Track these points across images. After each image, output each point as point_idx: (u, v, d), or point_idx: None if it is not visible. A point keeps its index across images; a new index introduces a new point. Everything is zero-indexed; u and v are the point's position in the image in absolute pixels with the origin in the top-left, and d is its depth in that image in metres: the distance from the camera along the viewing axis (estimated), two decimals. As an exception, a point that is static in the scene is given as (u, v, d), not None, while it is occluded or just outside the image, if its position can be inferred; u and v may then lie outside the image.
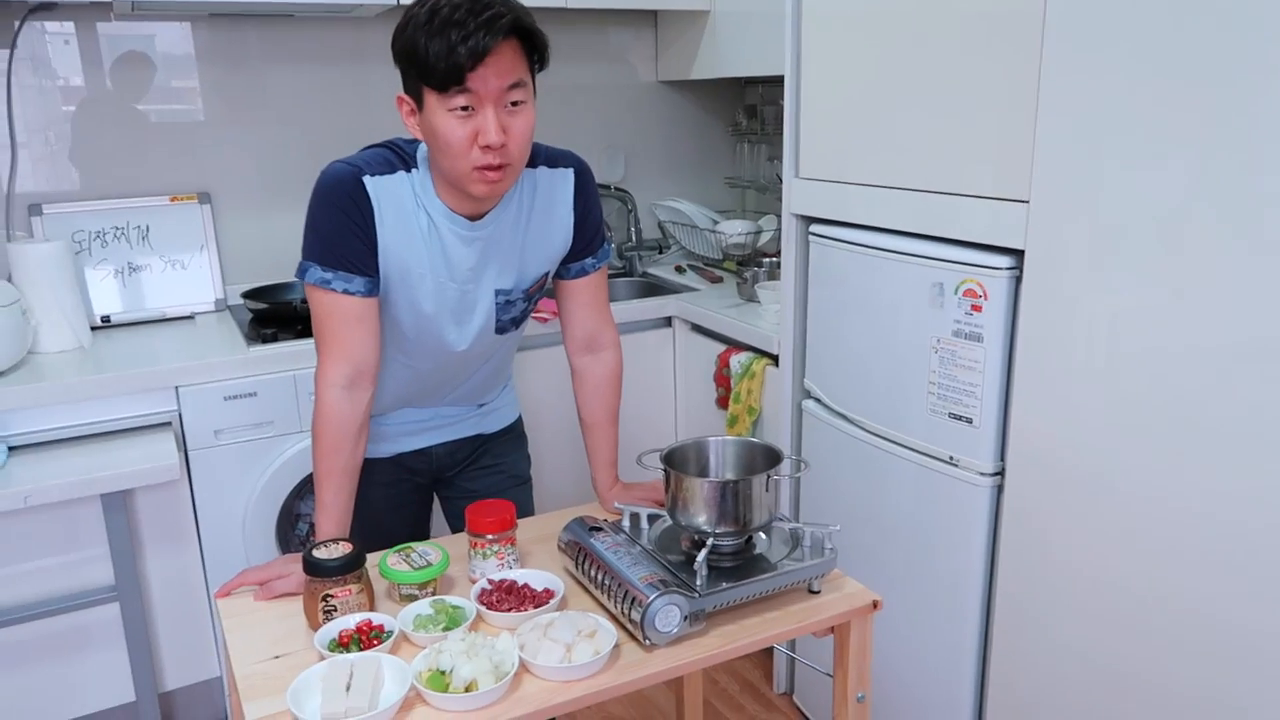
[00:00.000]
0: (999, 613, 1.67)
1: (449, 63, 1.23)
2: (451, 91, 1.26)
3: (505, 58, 1.27)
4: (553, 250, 1.52)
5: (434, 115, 1.29)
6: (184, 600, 2.17)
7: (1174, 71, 1.26)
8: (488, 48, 1.23)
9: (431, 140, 1.32)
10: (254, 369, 2.12)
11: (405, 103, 1.34)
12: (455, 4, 1.24)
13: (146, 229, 2.48)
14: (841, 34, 1.84)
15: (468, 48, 1.22)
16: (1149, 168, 1.31)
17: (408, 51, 1.27)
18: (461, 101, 1.27)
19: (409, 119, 1.35)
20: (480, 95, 1.27)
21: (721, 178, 3.31)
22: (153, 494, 2.08)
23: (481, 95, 1.27)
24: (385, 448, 1.64)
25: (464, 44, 1.22)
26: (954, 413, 1.67)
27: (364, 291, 1.39)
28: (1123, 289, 1.37)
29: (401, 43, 1.29)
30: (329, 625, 1.20)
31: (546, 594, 1.28)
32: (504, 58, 1.27)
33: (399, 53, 1.30)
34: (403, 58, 1.29)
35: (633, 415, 2.61)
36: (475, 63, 1.24)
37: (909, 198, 1.72)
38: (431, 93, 1.28)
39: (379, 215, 1.37)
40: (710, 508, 1.27)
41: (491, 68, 1.26)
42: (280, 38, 2.59)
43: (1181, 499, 1.33)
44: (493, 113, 1.28)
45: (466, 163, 1.30)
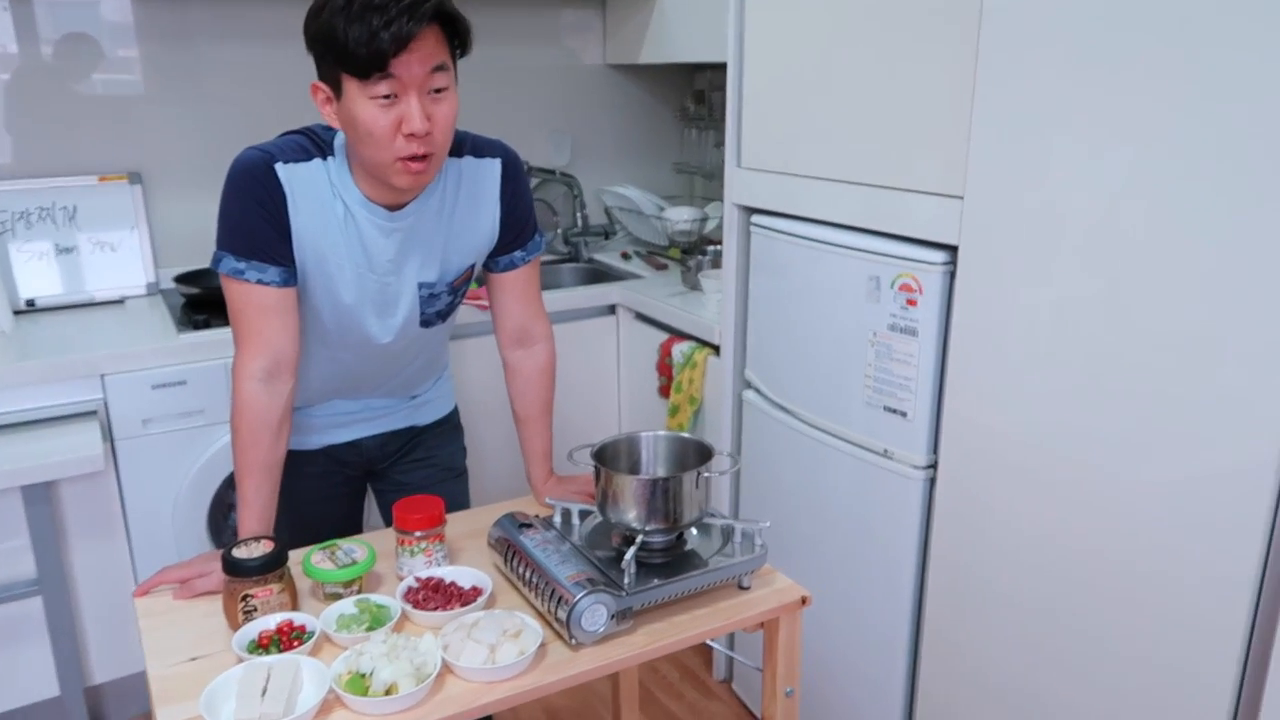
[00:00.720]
0: (930, 604, 1.68)
1: (371, 49, 1.19)
2: (374, 79, 1.22)
3: (428, 43, 1.23)
4: (478, 242, 1.48)
5: (354, 104, 1.25)
6: (111, 593, 2.12)
7: (1108, 68, 1.26)
8: (411, 33, 1.20)
9: (351, 130, 1.28)
10: (184, 356, 2.07)
11: (321, 90, 1.30)
12: None
13: (74, 209, 2.41)
14: (784, 23, 1.83)
15: (390, 33, 1.18)
16: (1082, 164, 1.31)
17: (325, 37, 1.22)
18: (384, 89, 1.23)
19: (325, 107, 1.31)
20: (404, 82, 1.23)
21: (669, 164, 3.29)
22: (77, 485, 2.03)
23: (405, 82, 1.23)
24: (314, 439, 1.61)
25: (386, 29, 1.18)
26: (889, 406, 1.68)
27: (279, 281, 1.35)
28: (1054, 284, 1.38)
29: (316, 27, 1.24)
30: (248, 626, 1.18)
31: (474, 592, 1.26)
32: (427, 43, 1.23)
33: (314, 38, 1.25)
34: (319, 43, 1.25)
35: (575, 404, 2.60)
36: (399, 49, 1.20)
37: (848, 190, 1.72)
38: (351, 80, 1.23)
39: (292, 203, 1.33)
40: (640, 505, 1.26)
41: (415, 54, 1.22)
42: (221, 14, 2.51)
43: (1111, 491, 1.35)
44: (416, 100, 1.25)
45: (390, 152, 1.27)
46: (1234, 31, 1.12)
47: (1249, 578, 1.20)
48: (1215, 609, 1.24)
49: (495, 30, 2.90)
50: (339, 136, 1.37)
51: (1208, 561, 1.24)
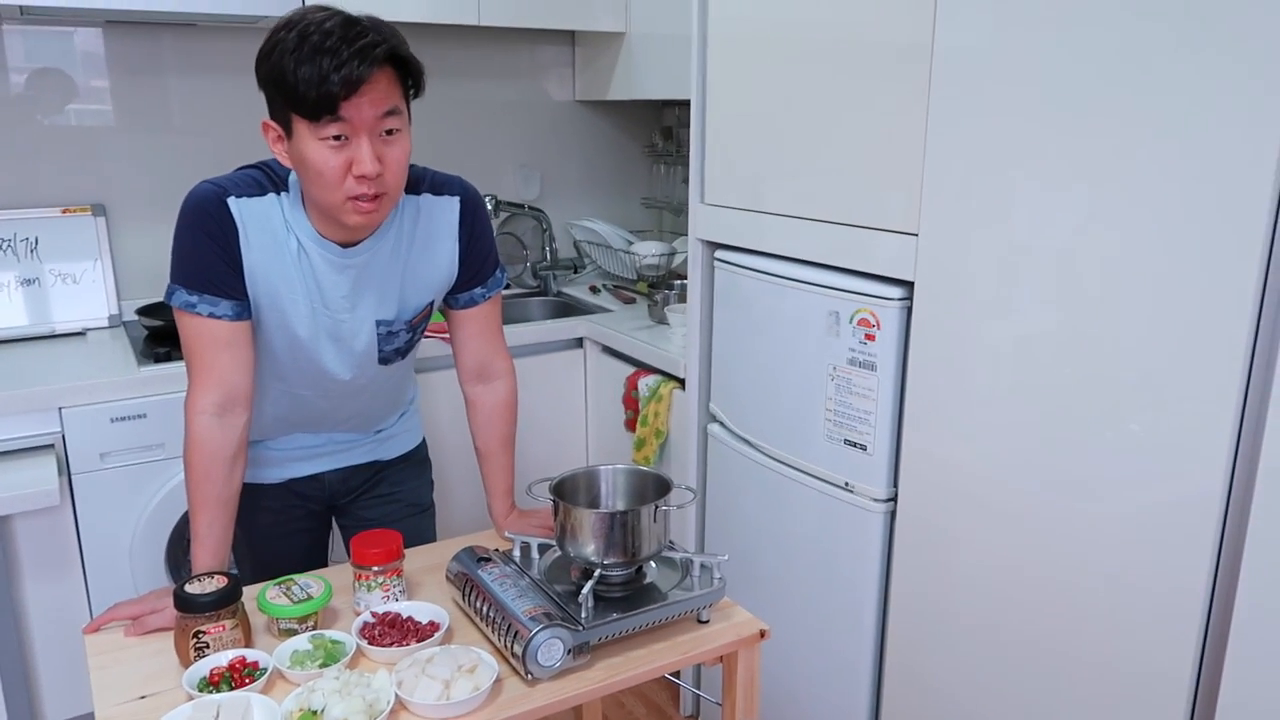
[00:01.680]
0: (892, 637, 1.69)
1: (320, 91, 1.19)
2: (324, 121, 1.22)
3: (380, 86, 1.23)
4: (436, 280, 1.48)
5: (304, 144, 1.25)
6: (65, 631, 2.07)
7: (1060, 107, 1.30)
8: (362, 77, 1.20)
9: (302, 169, 1.28)
10: (145, 389, 2.05)
11: (272, 129, 1.29)
12: (326, 30, 1.20)
13: (35, 241, 2.39)
14: (745, 63, 1.86)
15: (340, 76, 1.18)
16: (1036, 202, 1.34)
17: (275, 78, 1.22)
18: (334, 130, 1.23)
19: (276, 145, 1.30)
20: (354, 124, 1.23)
21: (638, 198, 3.32)
22: (31, 520, 1.99)
23: (355, 124, 1.23)
24: (275, 473, 1.59)
25: (337, 72, 1.18)
26: (849, 439, 1.69)
27: (231, 315, 1.34)
28: (1009, 320, 1.40)
29: (267, 68, 1.23)
30: (200, 663, 1.16)
31: (431, 627, 1.25)
32: (379, 86, 1.23)
33: (265, 78, 1.25)
34: (269, 84, 1.25)
35: (543, 436, 2.59)
36: (349, 92, 1.20)
37: (809, 227, 1.74)
38: (302, 121, 1.23)
39: (244, 238, 1.33)
40: (598, 538, 1.26)
41: (366, 96, 1.22)
42: (184, 47, 2.52)
43: (1070, 523, 1.37)
44: (367, 142, 1.24)
45: (340, 193, 1.27)
46: (1187, 70, 1.16)
47: (1197, 607, 1.22)
48: (1166, 639, 1.26)
49: (466, 66, 2.93)
50: (294, 173, 1.37)
51: (1159, 592, 1.26)
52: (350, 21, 1.22)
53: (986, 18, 1.36)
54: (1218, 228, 1.14)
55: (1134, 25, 1.19)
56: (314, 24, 1.21)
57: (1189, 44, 1.14)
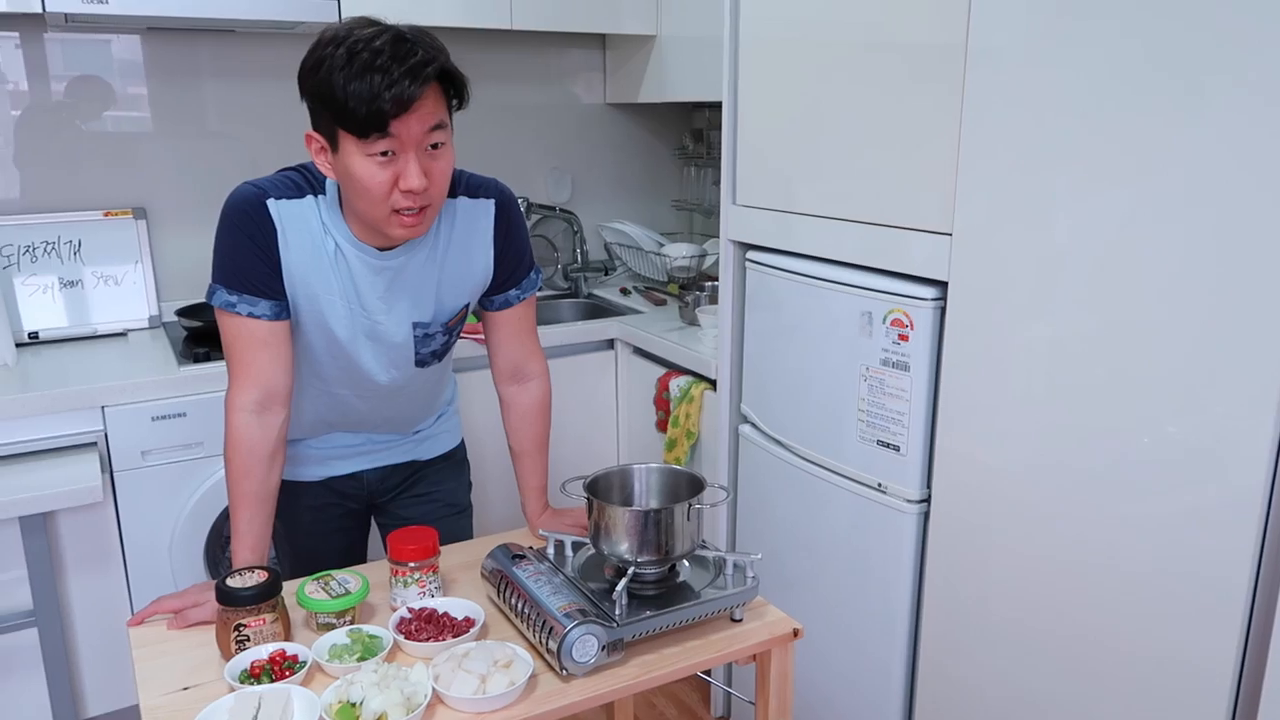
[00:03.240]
0: (925, 639, 1.68)
1: (371, 109, 1.19)
2: (373, 138, 1.22)
3: (428, 103, 1.24)
4: (472, 282, 1.50)
5: (350, 159, 1.25)
6: (107, 625, 2.12)
7: (1092, 107, 1.29)
8: (414, 96, 1.20)
9: (347, 183, 1.29)
10: (184, 389, 2.08)
11: (315, 141, 1.30)
12: (376, 48, 1.20)
13: (79, 243, 2.44)
14: (777, 64, 1.87)
15: (392, 95, 1.19)
16: (1072, 202, 1.34)
17: (323, 94, 1.22)
18: (382, 147, 1.23)
19: (319, 156, 1.31)
20: (402, 140, 1.24)
21: (668, 201, 3.33)
22: (75, 516, 2.03)
23: (404, 140, 1.24)
24: (315, 471, 1.62)
25: (388, 90, 1.18)
26: (882, 440, 1.69)
27: (270, 315, 1.36)
28: (1044, 321, 1.39)
29: (314, 83, 1.23)
30: (240, 656, 1.18)
31: (467, 623, 1.27)
32: (427, 103, 1.24)
33: (311, 92, 1.25)
34: (317, 99, 1.25)
35: (574, 437, 2.61)
36: (400, 110, 1.20)
37: (841, 227, 1.74)
38: (349, 137, 1.24)
39: (283, 238, 1.35)
40: (632, 536, 1.27)
41: (415, 114, 1.22)
42: (222, 53, 2.56)
43: (1105, 526, 1.36)
44: (414, 158, 1.25)
45: (385, 207, 1.28)
46: (1229, 68, 1.15)
47: (1238, 611, 1.21)
48: (1206, 641, 1.25)
49: (498, 70, 2.95)
50: (334, 189, 1.38)
51: (1198, 594, 1.25)
52: (399, 38, 1.22)
53: (1021, 17, 1.36)
54: (1258, 228, 1.13)
55: (1174, 23, 1.18)
56: (363, 40, 1.21)
57: (1231, 41, 1.13)
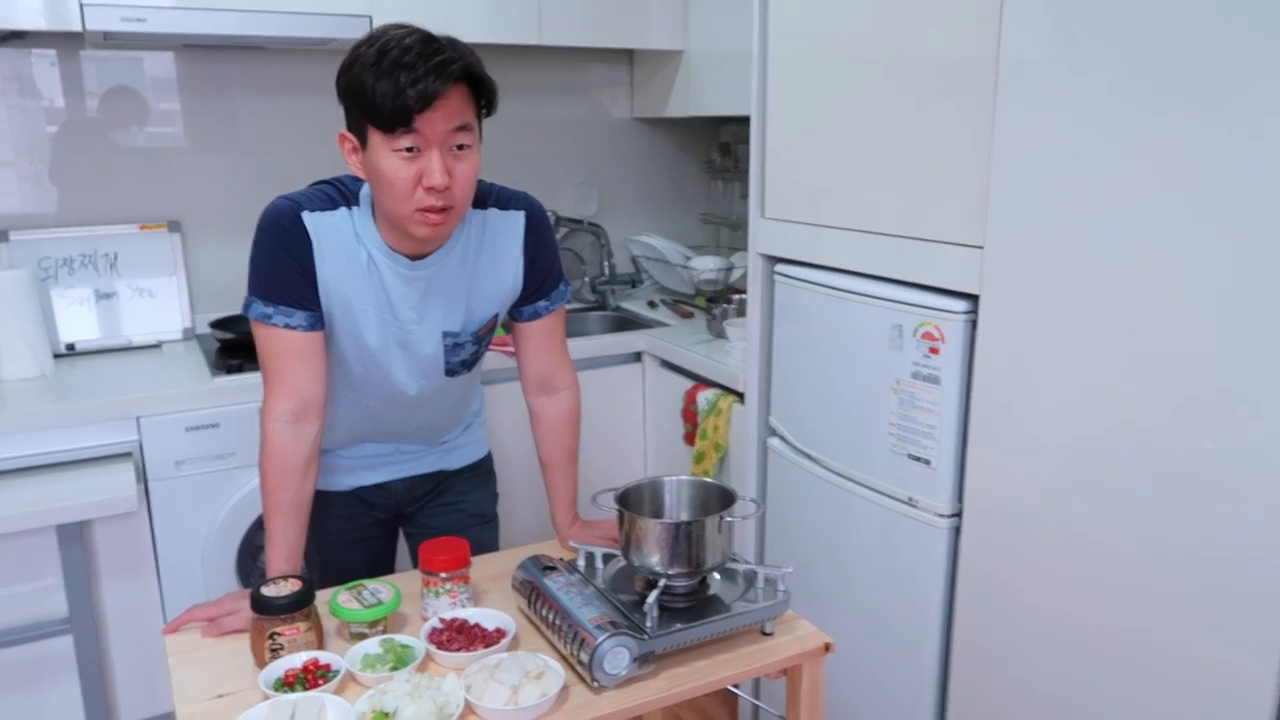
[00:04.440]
0: (957, 654, 1.67)
1: (396, 104, 1.23)
2: (398, 133, 1.26)
3: (454, 102, 1.27)
4: (501, 293, 1.51)
5: (378, 155, 1.29)
6: (140, 633, 2.14)
7: (1126, 120, 1.28)
8: (437, 92, 1.24)
9: (374, 179, 1.32)
10: (218, 400, 2.11)
11: (347, 140, 1.34)
12: (405, 46, 1.24)
13: (115, 256, 2.48)
14: (806, 77, 1.87)
15: (417, 91, 1.23)
16: (1102, 213, 1.33)
17: (354, 90, 1.27)
18: (407, 143, 1.27)
19: (351, 156, 1.35)
20: (427, 137, 1.27)
21: (695, 214, 3.34)
22: (110, 525, 2.06)
23: (428, 137, 1.27)
24: (343, 480, 1.63)
25: (413, 86, 1.22)
26: (913, 454, 1.68)
27: (305, 326, 1.39)
28: (1078, 335, 1.39)
29: (347, 81, 1.28)
30: (274, 664, 1.19)
31: (498, 634, 1.27)
32: (452, 102, 1.27)
33: (344, 90, 1.30)
34: (348, 96, 1.30)
35: (601, 450, 2.61)
36: (424, 106, 1.24)
37: (871, 240, 1.74)
38: (376, 132, 1.28)
39: (318, 250, 1.37)
40: (663, 548, 1.27)
41: (439, 111, 1.26)
42: (254, 69, 2.60)
43: (1140, 542, 1.34)
44: (438, 155, 1.28)
45: (409, 204, 1.30)
46: (1262, 80, 1.14)
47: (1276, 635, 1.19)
48: (1247, 662, 1.23)
49: (526, 84, 2.98)
50: (365, 187, 1.41)
51: (1238, 613, 1.23)
52: (429, 39, 1.27)
53: (1053, 30, 1.36)
54: (1297, 239, 1.12)
55: (1205, 35, 1.18)
56: (394, 40, 1.25)
57: (1263, 53, 1.12)
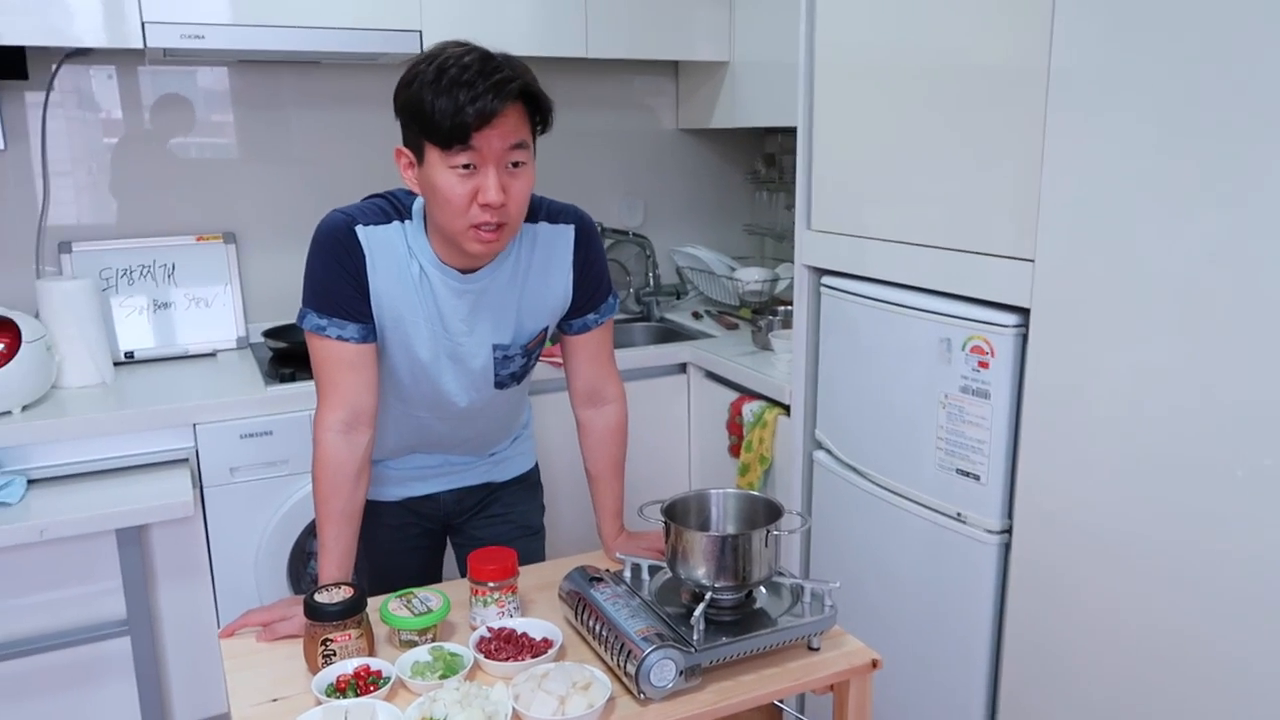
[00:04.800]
0: (1007, 674, 1.65)
1: (455, 121, 1.25)
2: (455, 150, 1.28)
3: (510, 120, 1.29)
4: (551, 306, 1.52)
5: (434, 171, 1.31)
6: (194, 636, 2.18)
7: (1180, 131, 1.26)
8: (495, 110, 1.26)
9: (430, 195, 1.34)
10: (271, 408, 2.15)
11: (404, 155, 1.36)
12: (464, 64, 1.26)
13: (173, 267, 2.54)
14: (853, 89, 1.87)
15: (475, 109, 1.25)
16: (1156, 227, 1.31)
17: (412, 107, 1.29)
18: (464, 160, 1.29)
19: (407, 172, 1.37)
20: (483, 155, 1.29)
21: (740, 225, 3.34)
22: (167, 529, 2.11)
23: (484, 155, 1.29)
24: (393, 491, 1.65)
25: (472, 105, 1.24)
26: (961, 469, 1.67)
27: (358, 338, 1.41)
28: (1133, 350, 1.37)
29: (406, 97, 1.30)
30: (327, 670, 1.21)
31: (545, 644, 1.28)
32: (509, 120, 1.29)
33: (403, 107, 1.32)
34: (406, 112, 1.31)
35: (645, 461, 2.62)
36: (482, 124, 1.26)
37: (918, 253, 1.73)
38: (434, 149, 1.30)
39: (371, 263, 1.39)
40: (709, 561, 1.27)
41: (497, 129, 1.28)
42: (308, 83, 2.66)
43: (1196, 559, 1.32)
44: (494, 173, 1.30)
45: (464, 220, 1.32)
46: (1312, 97, 1.12)
47: (1342, 654, 1.16)
48: (1307, 686, 1.20)
49: (572, 97, 3.00)
50: (417, 201, 1.43)
51: (1297, 635, 1.20)
52: (487, 57, 1.29)
53: (1106, 38, 1.34)
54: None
55: (1263, 41, 1.16)
56: (453, 58, 1.27)
57: (1329, 64, 1.10)
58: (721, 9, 2.76)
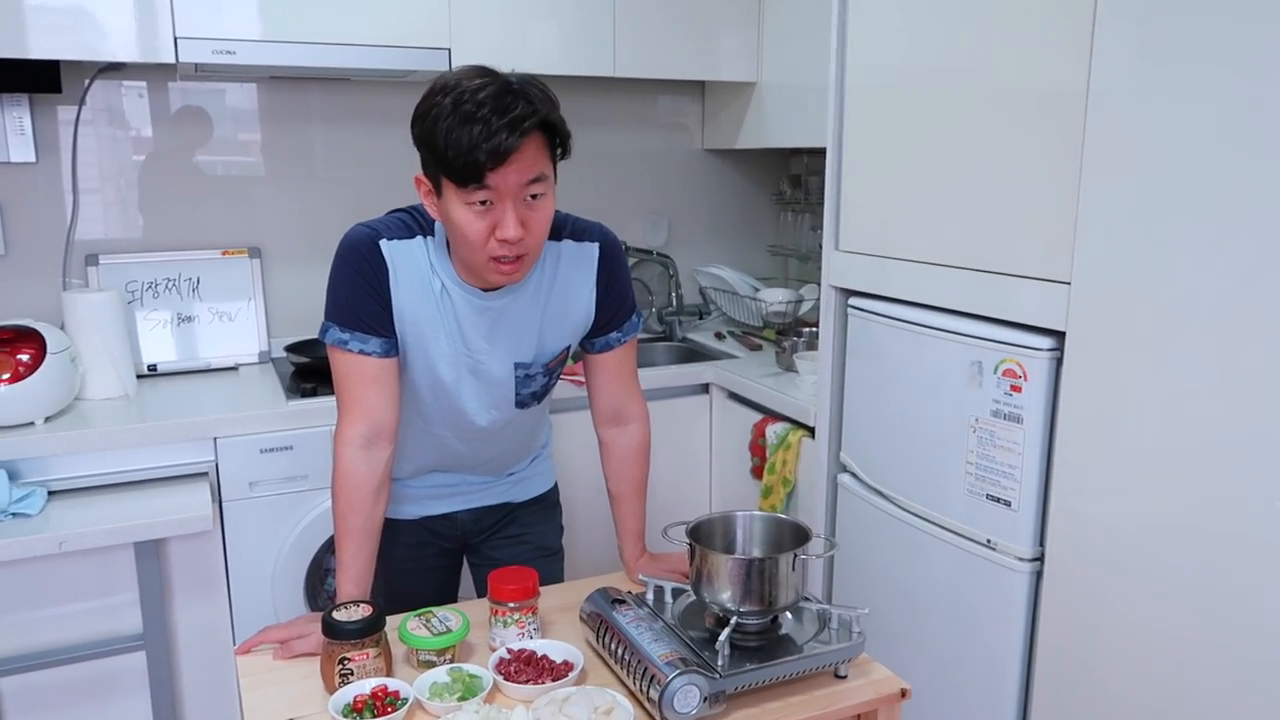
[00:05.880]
0: (1037, 705, 1.60)
1: (469, 160, 1.22)
2: (471, 188, 1.25)
3: (527, 155, 1.25)
4: (574, 325, 1.50)
5: (451, 206, 1.29)
6: (210, 651, 2.17)
7: (1220, 152, 1.24)
8: (511, 149, 1.22)
9: (449, 227, 1.33)
10: (292, 422, 2.14)
11: (424, 184, 1.34)
12: (480, 100, 1.22)
13: (198, 281, 2.55)
14: (884, 109, 1.85)
15: (490, 146, 1.21)
16: (1194, 250, 1.28)
17: (427, 140, 1.26)
18: (481, 197, 1.26)
19: (427, 199, 1.35)
20: (500, 191, 1.26)
21: (764, 246, 3.32)
22: (185, 543, 2.10)
23: (501, 191, 1.26)
24: (411, 509, 1.64)
25: (486, 142, 1.21)
26: (992, 494, 1.63)
27: (380, 352, 1.40)
28: (1169, 373, 1.33)
29: (421, 130, 1.28)
30: (344, 689, 1.19)
31: (566, 666, 1.25)
32: (526, 155, 1.25)
33: (419, 139, 1.29)
34: (423, 144, 1.29)
35: (667, 482, 2.59)
36: (496, 163, 1.23)
37: (949, 274, 1.70)
38: (449, 184, 1.27)
39: (394, 277, 1.38)
40: (735, 585, 1.24)
41: (513, 166, 1.24)
42: (336, 100, 2.67)
43: (1235, 592, 1.28)
44: (511, 208, 1.27)
45: (484, 254, 1.31)
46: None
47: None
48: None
49: (598, 116, 3.00)
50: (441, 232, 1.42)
51: (1346, 673, 1.16)
52: (504, 90, 1.24)
53: (1146, 58, 1.32)
54: None
55: (1315, 65, 1.13)
56: (469, 91, 1.23)
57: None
58: (750, 31, 2.75)
